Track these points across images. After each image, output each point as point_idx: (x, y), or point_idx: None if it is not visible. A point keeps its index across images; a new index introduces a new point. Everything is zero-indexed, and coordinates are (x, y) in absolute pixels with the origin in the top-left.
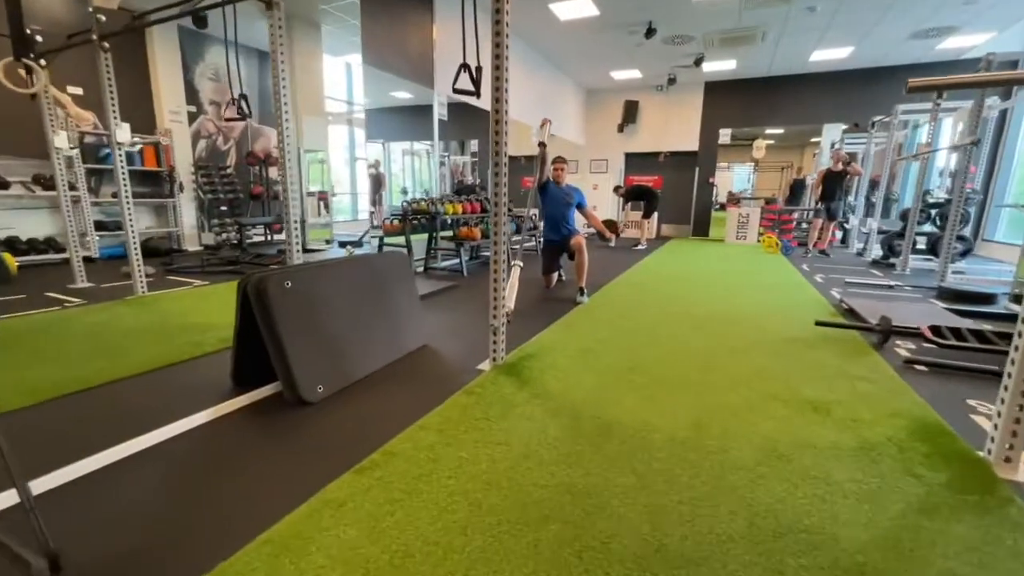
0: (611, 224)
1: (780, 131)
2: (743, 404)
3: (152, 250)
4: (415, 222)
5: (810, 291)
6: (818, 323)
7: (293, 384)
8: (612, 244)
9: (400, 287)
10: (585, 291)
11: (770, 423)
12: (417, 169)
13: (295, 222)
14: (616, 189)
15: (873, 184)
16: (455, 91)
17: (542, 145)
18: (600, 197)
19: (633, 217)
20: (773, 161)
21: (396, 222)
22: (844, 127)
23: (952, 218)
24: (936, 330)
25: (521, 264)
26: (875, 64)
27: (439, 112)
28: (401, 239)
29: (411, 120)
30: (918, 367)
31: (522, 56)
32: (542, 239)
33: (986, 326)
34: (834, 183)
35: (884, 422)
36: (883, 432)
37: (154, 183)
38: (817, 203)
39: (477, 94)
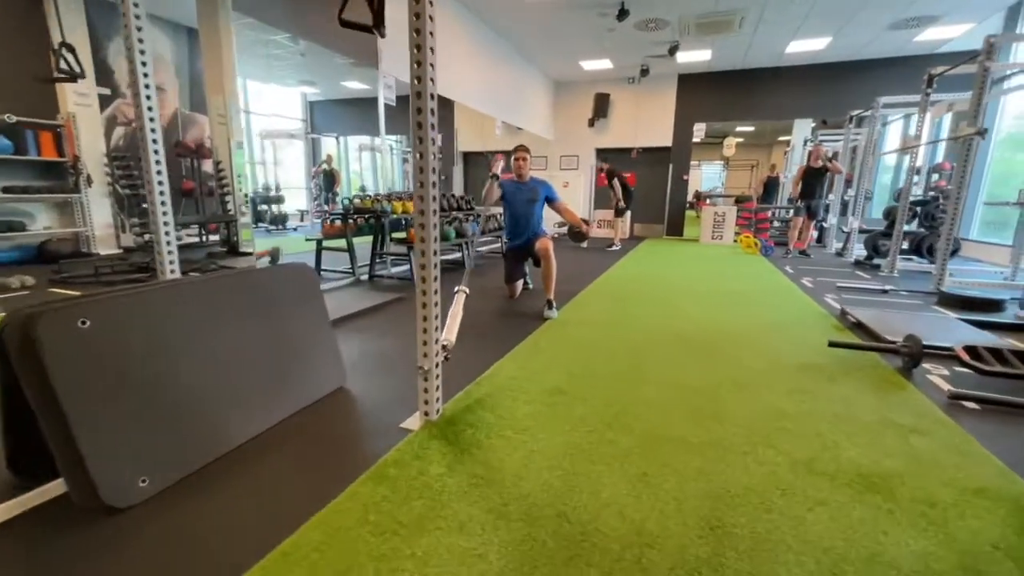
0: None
1: (750, 128)
2: (771, 480)
3: (51, 254)
4: (359, 222)
5: (804, 299)
6: (831, 344)
7: (88, 483)
8: (584, 245)
9: (302, 312)
10: (554, 304)
11: (818, 518)
12: (380, 166)
13: (163, 224)
14: (600, 170)
15: (846, 182)
16: (343, 23)
17: (494, 176)
18: (571, 194)
19: (606, 216)
20: (742, 159)
21: (337, 223)
22: (814, 124)
23: (950, 216)
24: (974, 352)
25: (467, 290)
26: (851, 58)
27: (386, 96)
28: (343, 242)
29: (367, 113)
30: (967, 403)
31: (484, 42)
32: (507, 240)
33: (1011, 341)
34: (814, 180)
35: (972, 508)
36: (980, 530)
37: (56, 176)
38: (795, 201)
39: (379, 30)
